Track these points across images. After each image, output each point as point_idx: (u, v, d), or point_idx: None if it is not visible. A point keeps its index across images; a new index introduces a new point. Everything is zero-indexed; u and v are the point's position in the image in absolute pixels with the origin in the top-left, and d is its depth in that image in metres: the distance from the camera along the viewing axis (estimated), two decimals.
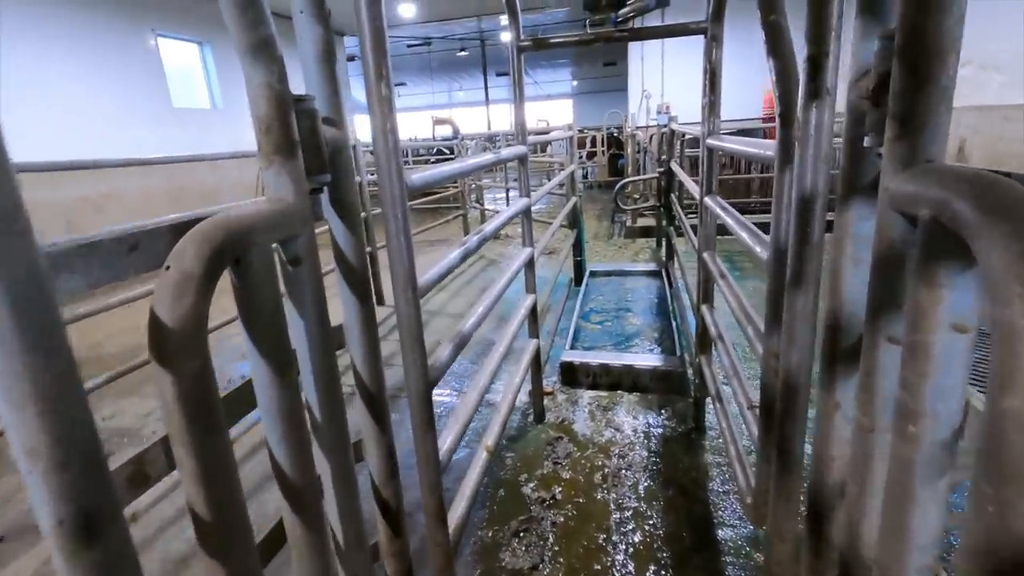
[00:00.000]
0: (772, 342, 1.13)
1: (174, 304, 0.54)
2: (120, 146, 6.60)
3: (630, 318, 3.86)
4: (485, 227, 1.72)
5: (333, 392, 0.83)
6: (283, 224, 0.71)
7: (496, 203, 10.07)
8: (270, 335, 0.69)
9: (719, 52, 1.96)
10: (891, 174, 0.57)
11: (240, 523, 0.62)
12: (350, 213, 0.89)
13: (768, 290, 1.13)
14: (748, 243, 1.29)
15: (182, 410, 0.55)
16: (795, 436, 1.04)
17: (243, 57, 0.68)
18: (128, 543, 0.48)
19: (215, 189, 7.54)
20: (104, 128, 6.53)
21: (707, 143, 2.01)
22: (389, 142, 1.02)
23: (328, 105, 0.85)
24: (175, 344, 0.54)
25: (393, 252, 1.07)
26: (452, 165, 1.35)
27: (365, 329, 0.92)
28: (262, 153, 0.72)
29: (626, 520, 2.00)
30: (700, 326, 2.29)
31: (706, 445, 2.42)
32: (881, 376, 0.62)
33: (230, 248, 0.61)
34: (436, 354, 1.32)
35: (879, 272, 0.61)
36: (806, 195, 0.92)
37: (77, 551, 0.44)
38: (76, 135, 6.16)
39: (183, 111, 7.66)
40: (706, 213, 2.11)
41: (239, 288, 0.66)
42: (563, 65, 23.99)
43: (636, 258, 6.02)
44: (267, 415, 0.71)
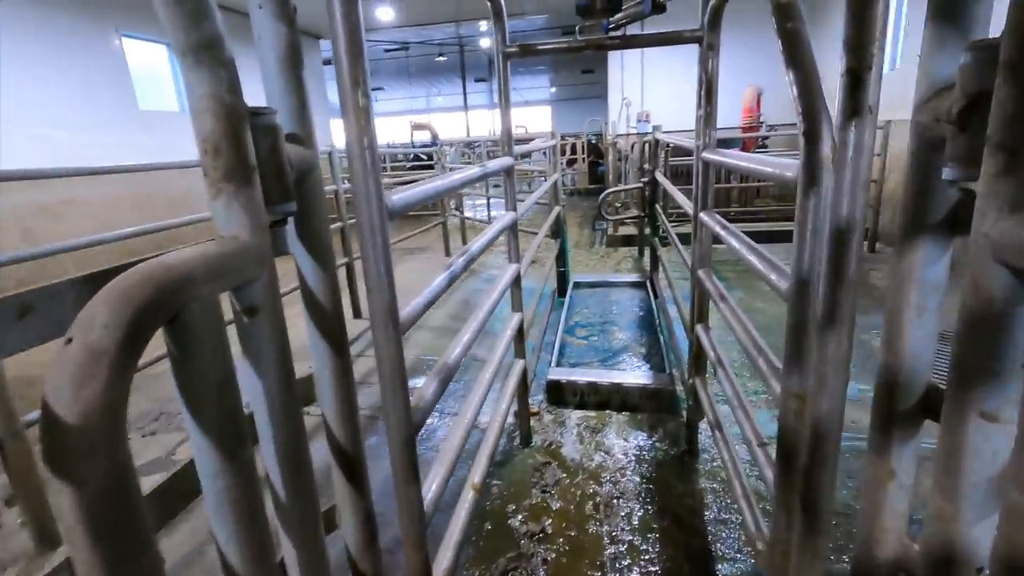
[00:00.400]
0: (793, 382, 1.03)
1: (78, 393, 0.41)
2: (83, 150, 6.29)
3: (616, 332, 3.76)
4: (471, 247, 1.59)
5: (299, 462, 0.70)
6: (235, 268, 0.57)
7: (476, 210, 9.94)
8: (218, 409, 0.55)
9: (716, 61, 1.87)
10: (993, 217, 0.46)
11: None
12: (321, 248, 0.75)
13: (789, 325, 1.02)
14: (761, 270, 1.19)
15: (91, 534, 0.41)
16: (825, 490, 0.93)
17: (183, 61, 0.55)
18: None
19: (184, 196, 7.25)
20: (65, 132, 6.21)
21: (703, 157, 1.92)
22: (367, 158, 0.88)
23: (293, 118, 0.71)
24: (80, 447, 0.40)
25: (372, 284, 0.93)
26: (436, 182, 1.22)
27: (339, 383, 0.79)
28: (208, 181, 0.58)
29: (621, 555, 1.88)
30: (695, 347, 2.19)
31: (700, 469, 2.32)
32: (971, 458, 0.51)
33: (162, 307, 0.47)
34: (420, 393, 1.19)
35: (971, 334, 0.50)
36: (842, 225, 0.82)
37: None
38: (35, 139, 5.84)
39: (150, 114, 7.36)
40: (701, 229, 2.01)
41: (175, 354, 0.53)
42: (541, 72, 24.05)
43: (619, 268, 5.95)
44: (215, 509, 0.57)
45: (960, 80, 0.51)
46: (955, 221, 0.58)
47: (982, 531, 0.53)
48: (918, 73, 0.58)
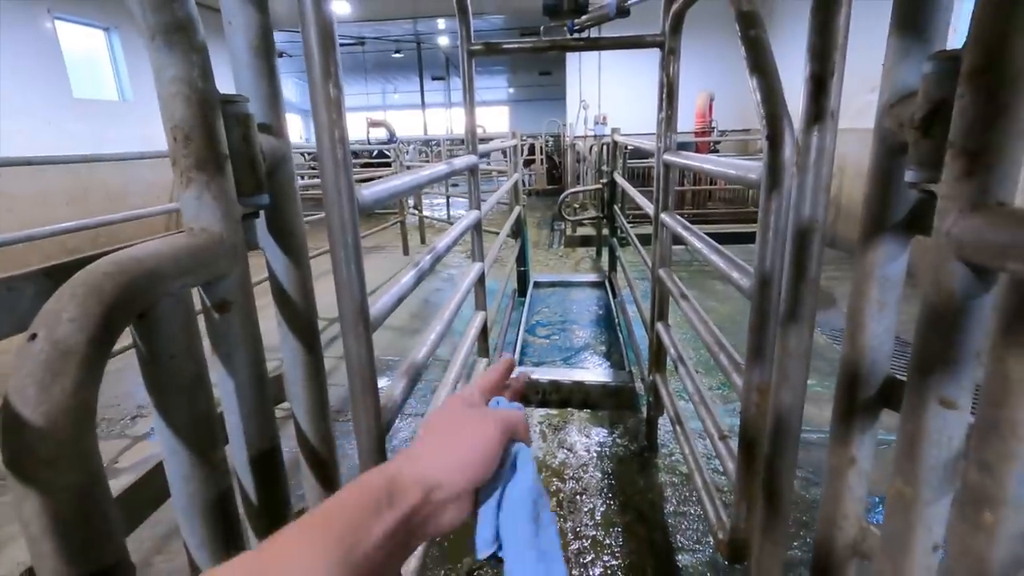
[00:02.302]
0: (755, 376, 1.07)
1: (43, 393, 0.38)
2: (9, 140, 5.86)
3: (576, 331, 3.81)
4: (436, 244, 1.57)
5: (272, 464, 0.67)
6: (206, 262, 0.55)
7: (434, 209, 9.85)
8: (189, 410, 0.53)
9: (677, 66, 1.92)
10: (953, 217, 0.49)
11: None
12: (294, 242, 0.73)
13: (751, 322, 1.06)
14: (724, 269, 1.23)
15: (58, 542, 0.39)
16: (786, 479, 0.97)
17: (151, 44, 0.52)
18: None
19: (123, 191, 6.87)
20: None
21: (664, 159, 1.97)
22: (338, 152, 0.86)
23: (265, 107, 0.69)
24: (47, 450, 0.38)
25: (341, 281, 0.91)
26: (407, 177, 1.20)
27: (312, 382, 0.76)
28: (177, 170, 0.55)
29: (585, 550, 1.91)
30: (655, 344, 2.24)
31: (660, 464, 2.38)
32: (930, 443, 0.55)
33: (131, 301, 0.44)
34: (388, 392, 1.17)
35: (931, 326, 0.53)
36: (804, 226, 0.85)
37: None
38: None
39: (86, 102, 6.93)
40: (662, 230, 2.06)
41: (145, 351, 0.50)
42: (499, 72, 24.08)
43: (578, 268, 6.03)
44: (185, 512, 0.54)
45: (923, 88, 0.54)
46: (914, 221, 0.62)
47: (938, 511, 0.56)
48: (882, 81, 0.61)
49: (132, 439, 2.66)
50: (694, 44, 8.90)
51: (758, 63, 1.01)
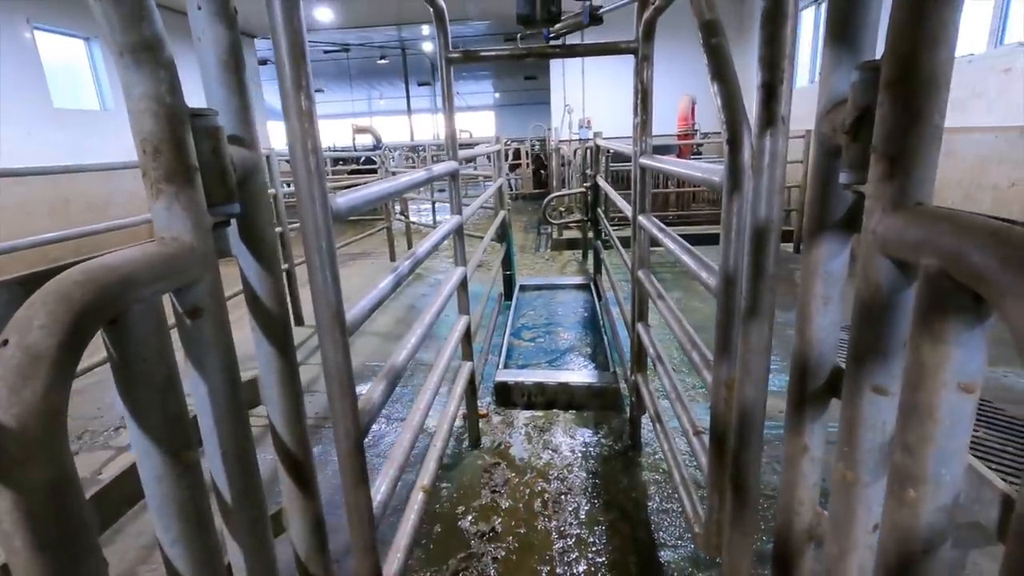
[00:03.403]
0: (723, 372, 1.10)
1: (15, 395, 0.40)
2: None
3: (562, 333, 3.85)
4: (417, 250, 1.60)
5: (245, 465, 0.69)
6: (177, 269, 0.57)
7: (421, 215, 9.86)
8: (162, 412, 0.55)
9: (650, 72, 1.97)
10: (878, 216, 0.53)
11: None
12: (265, 249, 0.75)
13: (718, 319, 1.10)
14: (694, 269, 1.27)
15: (31, 539, 0.41)
16: (752, 470, 1.01)
17: (120, 61, 0.54)
18: None
19: (106, 200, 6.81)
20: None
21: (640, 162, 2.01)
22: (311, 162, 0.88)
23: (236, 120, 0.71)
24: (18, 450, 0.40)
25: (317, 287, 0.93)
26: (383, 185, 1.23)
27: (286, 386, 0.78)
28: (147, 182, 0.58)
29: (569, 549, 1.93)
30: (636, 344, 2.28)
31: (643, 463, 2.41)
32: (866, 428, 0.58)
33: (102, 308, 0.47)
34: (367, 396, 1.19)
35: (863, 318, 0.57)
36: (760, 226, 0.89)
37: None
38: None
39: (66, 112, 6.88)
40: (640, 232, 2.10)
41: (116, 357, 0.52)
42: (485, 77, 24.16)
43: (564, 271, 6.07)
44: (159, 511, 0.56)
45: (852, 95, 0.58)
46: (851, 220, 0.66)
47: (877, 492, 0.60)
48: (819, 88, 0.65)
49: (115, 450, 2.65)
50: (676, 48, 9.04)
51: (719, 70, 1.05)
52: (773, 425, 2.40)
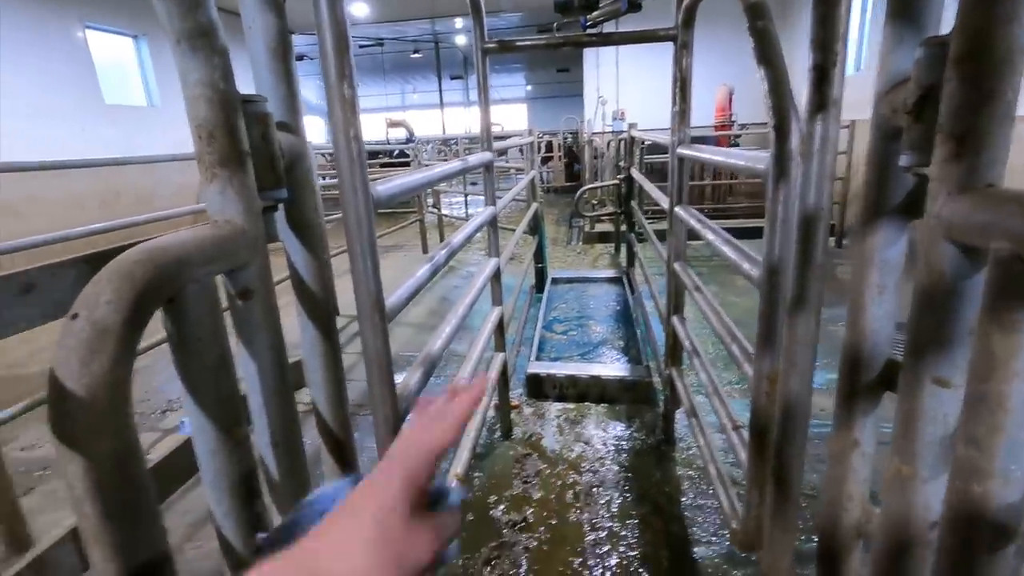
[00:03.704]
0: (765, 364, 1.08)
1: (85, 366, 0.42)
2: (44, 145, 6.08)
3: (594, 326, 3.82)
4: (452, 239, 1.61)
5: (292, 444, 0.71)
6: (229, 252, 0.59)
7: (452, 208, 9.92)
8: (215, 389, 0.57)
9: (689, 59, 1.92)
10: (943, 199, 0.50)
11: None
12: (311, 234, 0.77)
13: (761, 311, 1.07)
14: (735, 260, 1.24)
15: (99, 505, 0.43)
16: (795, 465, 0.98)
17: (177, 48, 0.56)
18: None
19: (152, 193, 7.08)
20: (25, 125, 6.00)
21: (678, 152, 1.97)
22: (353, 150, 0.90)
23: (284, 107, 0.72)
24: (87, 420, 0.42)
25: (358, 274, 0.95)
26: (420, 174, 1.24)
27: (329, 368, 0.80)
28: (202, 166, 0.59)
29: (601, 541, 1.93)
30: (671, 338, 2.25)
31: (677, 458, 2.38)
32: (926, 421, 0.56)
33: (160, 287, 0.48)
34: (405, 382, 1.21)
35: (925, 307, 0.54)
36: (809, 213, 0.86)
37: None
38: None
39: (116, 108, 7.15)
40: (677, 223, 2.07)
41: (174, 334, 0.54)
42: (517, 70, 24.07)
43: (595, 264, 6.02)
44: (213, 484, 0.58)
45: (915, 74, 0.55)
46: (910, 205, 0.63)
47: (935, 488, 0.57)
48: (878, 68, 0.62)
49: (163, 432, 2.76)
50: (714, 38, 8.82)
51: (765, 54, 1.02)
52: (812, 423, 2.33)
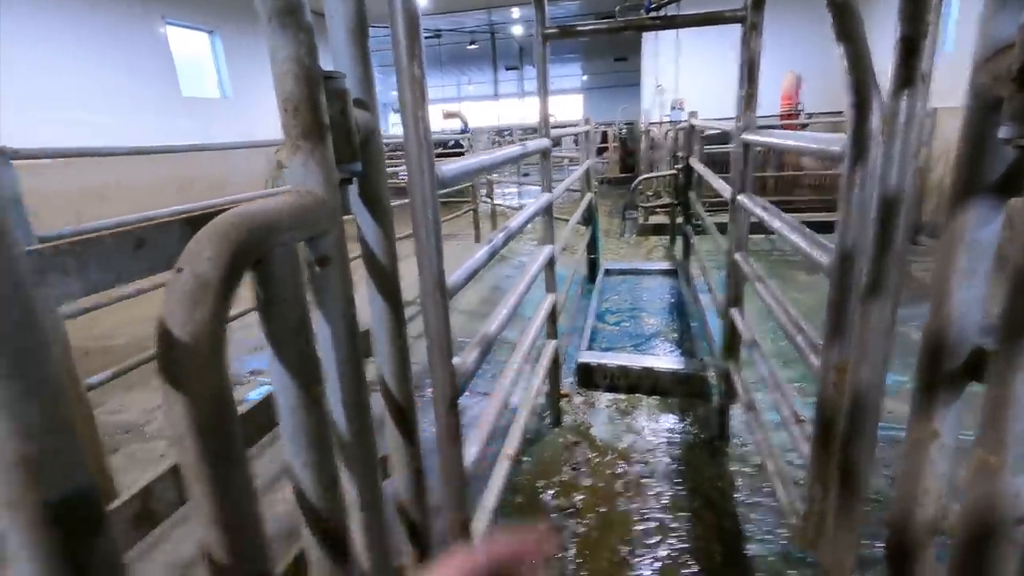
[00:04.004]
0: (834, 355, 1.03)
1: (189, 315, 0.45)
2: (127, 135, 6.52)
3: (647, 318, 3.76)
4: (509, 224, 1.62)
5: (361, 408, 0.74)
6: (310, 220, 0.62)
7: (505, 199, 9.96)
8: (296, 347, 0.60)
9: (758, 41, 1.85)
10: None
11: (261, 567, 0.54)
12: (380, 208, 0.80)
13: (830, 299, 1.03)
14: (802, 247, 1.19)
15: (198, 441, 0.46)
16: (863, 460, 0.94)
17: (268, 26, 0.59)
18: (114, 549, 0.38)
19: (224, 180, 7.47)
20: (111, 117, 6.45)
21: (743, 138, 1.91)
22: (420, 129, 0.92)
23: (359, 85, 0.75)
24: (190, 363, 0.45)
25: (422, 251, 0.98)
26: (482, 156, 1.26)
27: (394, 337, 0.83)
28: (288, 138, 0.63)
29: (651, 532, 1.91)
30: (728, 330, 2.19)
31: (731, 454, 2.32)
32: (1018, 409, 0.53)
33: (252, 248, 0.52)
34: (462, 359, 1.23)
35: (1021, 290, 0.51)
36: (890, 195, 0.82)
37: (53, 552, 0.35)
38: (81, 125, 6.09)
39: (192, 100, 7.58)
40: (739, 212, 2.00)
41: (261, 294, 0.57)
42: (573, 60, 23.80)
43: (649, 256, 5.91)
44: (292, 438, 0.62)
45: (1020, 39, 0.51)
46: (1009, 181, 0.59)
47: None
48: (978, 34, 0.58)
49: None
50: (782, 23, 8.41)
51: (845, 28, 0.97)
52: None
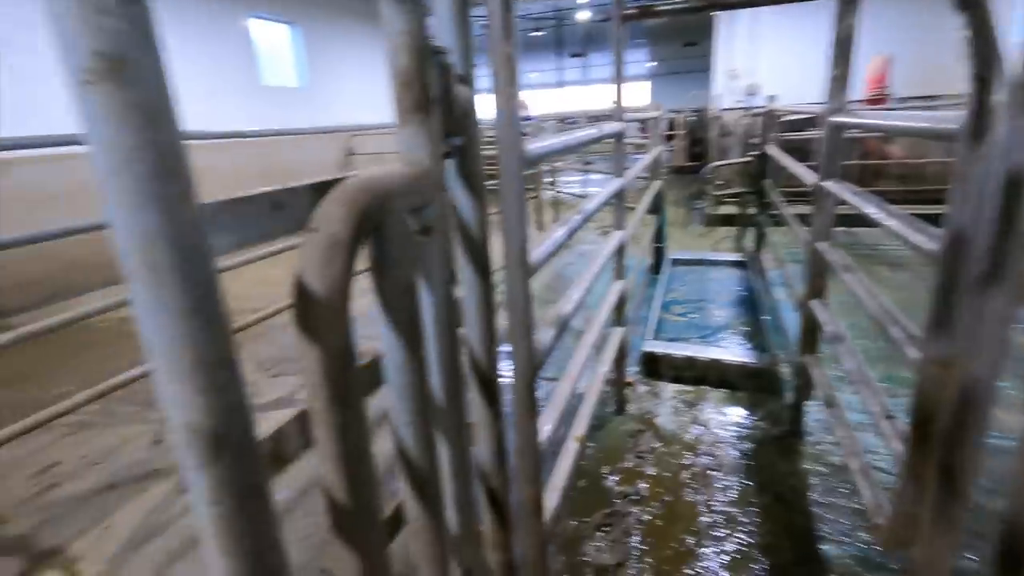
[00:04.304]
0: (938, 347, 0.98)
1: (323, 271, 0.49)
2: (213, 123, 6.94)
3: (715, 310, 3.66)
4: (586, 206, 1.62)
5: (455, 374, 0.78)
6: (418, 190, 0.65)
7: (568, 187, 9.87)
8: (405, 313, 0.63)
9: (854, 18, 1.74)
10: None
11: (374, 508, 0.58)
12: (475, 182, 0.82)
13: (936, 287, 0.97)
14: (903, 232, 1.12)
15: (327, 388, 0.50)
16: (969, 459, 0.89)
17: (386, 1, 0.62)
18: (256, 464, 0.43)
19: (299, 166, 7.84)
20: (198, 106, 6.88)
21: (832, 121, 1.81)
22: (511, 107, 0.94)
23: (461, 60, 0.77)
24: (323, 315, 0.49)
25: (509, 226, 1.00)
26: (564, 137, 1.27)
27: (483, 309, 0.86)
28: (399, 110, 0.66)
29: (718, 524, 1.88)
30: (807, 323, 2.10)
31: (805, 452, 2.23)
32: None
33: (375, 211, 0.55)
34: (538, 337, 1.25)
35: None
36: (1015, 175, 0.76)
37: (206, 463, 0.39)
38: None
39: (271, 89, 7.96)
40: (824, 200, 1.91)
41: (376, 259, 0.61)
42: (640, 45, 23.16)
43: (717, 247, 5.72)
44: (397, 396, 0.66)
45: None
46: None
47: None
48: None
49: None
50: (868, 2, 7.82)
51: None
52: None
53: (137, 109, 0.33)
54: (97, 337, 3.95)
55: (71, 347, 3.74)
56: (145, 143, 0.33)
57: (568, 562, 1.75)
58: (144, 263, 0.35)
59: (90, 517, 2.08)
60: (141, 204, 0.34)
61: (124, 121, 0.33)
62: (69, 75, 0.32)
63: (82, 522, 2.05)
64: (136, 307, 0.37)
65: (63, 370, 3.47)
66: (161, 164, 0.34)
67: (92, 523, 2.04)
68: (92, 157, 0.33)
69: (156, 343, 0.37)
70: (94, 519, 2.07)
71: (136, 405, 2.91)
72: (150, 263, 0.35)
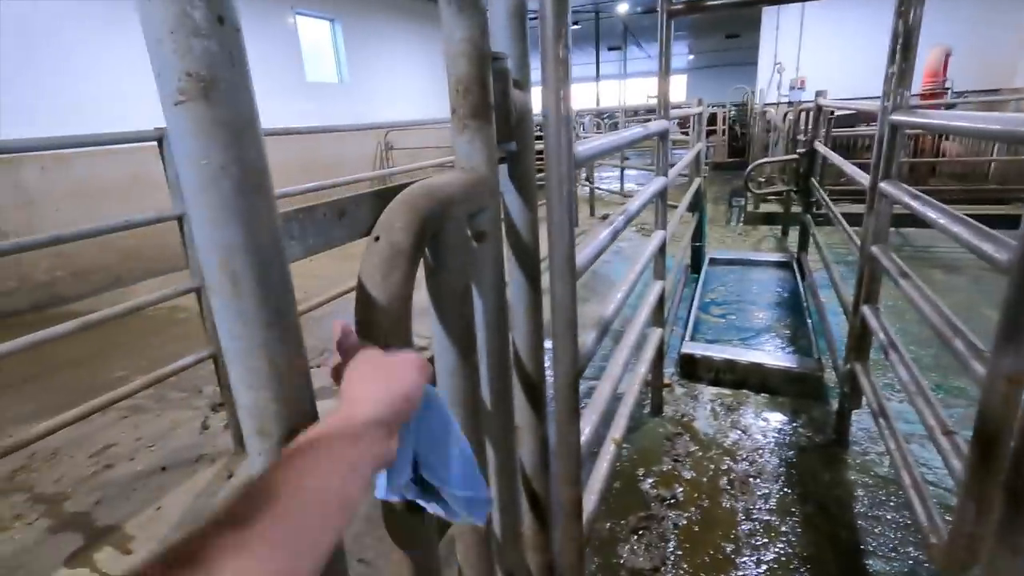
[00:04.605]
0: (1007, 362, 0.93)
1: (385, 280, 0.50)
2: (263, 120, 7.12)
3: (755, 312, 3.57)
4: (629, 206, 1.60)
5: (504, 378, 0.78)
6: (474, 196, 0.65)
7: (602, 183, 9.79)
8: (458, 317, 0.64)
9: (917, 10, 1.66)
10: None
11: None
12: (528, 187, 0.82)
13: (1008, 299, 0.92)
14: (971, 241, 1.07)
15: None
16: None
17: (447, 8, 0.62)
18: None
19: (339, 161, 7.99)
20: None
21: (891, 120, 1.73)
22: (562, 109, 0.93)
23: (517, 65, 0.77)
24: (385, 324, 0.50)
25: (555, 229, 0.99)
26: (612, 136, 1.25)
27: (532, 314, 0.86)
28: (456, 117, 0.66)
29: (757, 532, 1.84)
30: (858, 329, 2.02)
31: (851, 462, 2.16)
32: None
33: (435, 218, 0.56)
34: (581, 340, 1.25)
35: None
36: None
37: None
38: None
39: (315, 85, 8.13)
40: (881, 201, 1.83)
41: (433, 265, 0.61)
42: (680, 38, 22.64)
43: (758, 247, 5.57)
44: (449, 400, 0.66)
45: None
46: None
47: None
48: None
49: None
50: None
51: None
52: None
53: (225, 127, 0.34)
54: (149, 325, 4.13)
55: (125, 334, 3.93)
56: (232, 160, 0.34)
57: (603, 564, 1.74)
58: (226, 275, 0.37)
59: (142, 498, 2.19)
60: (226, 220, 0.35)
61: (213, 139, 0.34)
62: (162, 95, 0.33)
63: (135, 503, 2.16)
64: (216, 317, 0.38)
65: (117, 354, 3.65)
66: (245, 180, 0.35)
67: (144, 504, 2.15)
68: (180, 174, 0.35)
69: (235, 352, 0.38)
70: (146, 500, 2.17)
71: (185, 391, 3.04)
72: (231, 275, 0.37)
